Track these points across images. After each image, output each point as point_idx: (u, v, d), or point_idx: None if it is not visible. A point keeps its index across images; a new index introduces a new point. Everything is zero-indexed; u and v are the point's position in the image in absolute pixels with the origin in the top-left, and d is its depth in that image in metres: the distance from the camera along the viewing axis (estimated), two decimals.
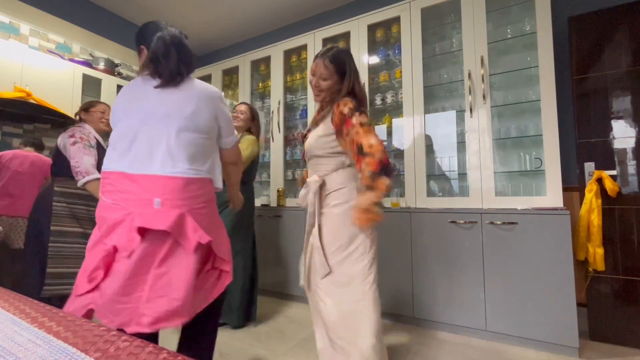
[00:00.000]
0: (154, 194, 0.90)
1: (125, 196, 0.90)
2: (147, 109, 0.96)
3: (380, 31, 2.46)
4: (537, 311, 1.65)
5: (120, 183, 0.92)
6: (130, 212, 0.89)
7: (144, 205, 0.89)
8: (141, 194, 0.90)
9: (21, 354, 0.39)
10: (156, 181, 0.91)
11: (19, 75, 2.35)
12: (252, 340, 1.80)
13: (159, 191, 0.91)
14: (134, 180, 0.91)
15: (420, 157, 2.13)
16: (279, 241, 2.52)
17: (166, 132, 0.95)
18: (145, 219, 0.87)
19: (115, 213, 0.90)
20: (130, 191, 0.91)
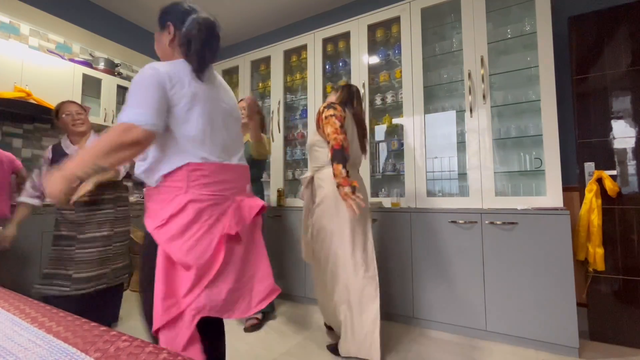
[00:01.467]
0: (246, 181, 1.02)
1: (226, 185, 0.94)
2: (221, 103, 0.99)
3: (380, 31, 2.46)
4: (537, 311, 1.65)
5: (218, 173, 0.93)
6: (234, 199, 0.94)
7: (241, 192, 0.98)
8: (238, 181, 0.98)
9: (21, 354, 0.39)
10: (244, 169, 1.02)
11: (19, 75, 2.35)
12: (252, 340, 1.80)
13: (247, 178, 1.03)
14: (230, 169, 0.96)
15: (420, 157, 2.13)
16: (279, 241, 2.52)
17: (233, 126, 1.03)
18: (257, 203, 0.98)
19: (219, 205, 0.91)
20: (229, 180, 0.95)
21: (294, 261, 2.43)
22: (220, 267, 0.86)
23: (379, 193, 2.46)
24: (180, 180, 0.87)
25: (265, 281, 0.97)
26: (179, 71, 0.90)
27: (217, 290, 0.86)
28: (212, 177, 0.90)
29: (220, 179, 0.92)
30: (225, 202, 0.92)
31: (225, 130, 0.97)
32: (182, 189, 0.87)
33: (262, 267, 0.98)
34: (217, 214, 0.89)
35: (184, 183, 0.87)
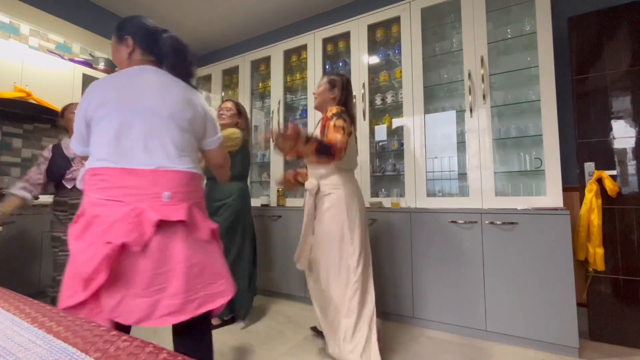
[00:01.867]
0: (163, 188, 0.93)
1: (129, 191, 0.90)
2: (149, 106, 0.97)
3: (380, 31, 2.46)
4: (537, 311, 1.65)
5: (120, 179, 0.90)
6: (136, 207, 0.88)
7: (152, 199, 0.91)
8: (149, 188, 0.91)
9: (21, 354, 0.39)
10: (164, 175, 0.94)
11: (19, 75, 2.35)
12: (252, 340, 1.80)
13: (167, 185, 0.94)
14: (140, 175, 0.91)
15: (420, 157, 2.13)
16: (279, 241, 2.52)
17: (170, 130, 0.98)
18: (161, 212, 0.89)
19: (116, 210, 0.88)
20: (135, 186, 0.90)
21: (294, 261, 2.43)
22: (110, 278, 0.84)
23: (379, 193, 2.46)
24: (85, 184, 0.93)
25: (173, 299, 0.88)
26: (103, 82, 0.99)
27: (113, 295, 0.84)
28: (112, 182, 0.90)
29: (121, 184, 0.90)
30: (123, 208, 0.88)
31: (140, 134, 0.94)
32: (85, 192, 0.92)
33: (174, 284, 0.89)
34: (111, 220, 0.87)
35: (87, 186, 0.92)
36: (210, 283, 0.96)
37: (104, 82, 0.99)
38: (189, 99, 1.05)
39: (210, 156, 1.19)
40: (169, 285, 0.88)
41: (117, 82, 0.99)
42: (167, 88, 1.01)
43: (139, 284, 0.85)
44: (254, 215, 2.62)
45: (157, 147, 0.95)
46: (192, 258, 0.93)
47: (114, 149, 0.93)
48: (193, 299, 0.91)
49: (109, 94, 0.97)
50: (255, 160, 3.10)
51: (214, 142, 1.16)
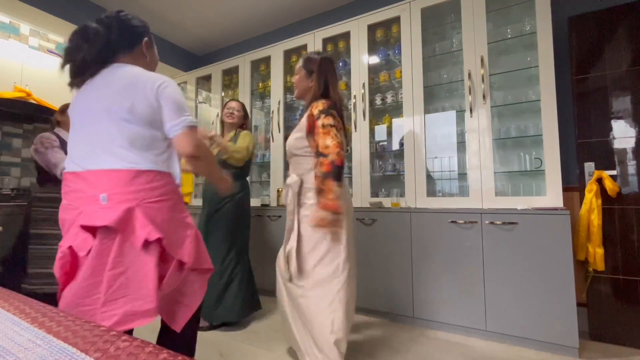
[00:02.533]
0: (100, 190, 0.87)
1: (77, 195, 0.90)
2: (86, 107, 0.95)
3: (380, 31, 2.46)
4: (537, 311, 1.65)
5: (73, 182, 0.92)
6: (82, 210, 0.88)
7: (91, 203, 0.87)
8: (88, 190, 0.88)
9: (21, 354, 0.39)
10: (101, 176, 0.88)
11: (19, 75, 2.35)
12: (252, 340, 1.80)
13: (104, 186, 0.87)
14: (82, 177, 0.90)
15: (420, 157, 2.13)
16: (278, 241, 2.51)
17: (108, 126, 0.91)
18: (89, 217, 0.85)
19: (69, 213, 0.90)
20: (80, 189, 0.90)
21: None
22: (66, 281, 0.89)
23: (379, 193, 2.46)
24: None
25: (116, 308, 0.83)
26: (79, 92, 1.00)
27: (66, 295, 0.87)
28: (68, 186, 0.93)
29: (72, 188, 0.91)
30: (73, 211, 0.90)
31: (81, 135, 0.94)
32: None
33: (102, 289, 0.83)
34: (68, 224, 0.91)
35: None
36: (134, 298, 0.84)
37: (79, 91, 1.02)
38: (128, 85, 0.92)
39: (176, 144, 0.97)
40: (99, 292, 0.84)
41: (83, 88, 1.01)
42: (106, 81, 0.95)
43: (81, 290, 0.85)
44: (254, 215, 2.62)
45: (96, 146, 0.91)
46: (120, 266, 0.84)
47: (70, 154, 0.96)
48: (112, 315, 0.82)
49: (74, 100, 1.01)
50: (255, 160, 3.09)
51: (175, 127, 0.95)
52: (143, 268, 0.86)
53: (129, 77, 0.94)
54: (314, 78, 1.44)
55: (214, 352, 1.66)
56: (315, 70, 1.44)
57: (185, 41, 3.79)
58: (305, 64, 1.48)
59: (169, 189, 0.96)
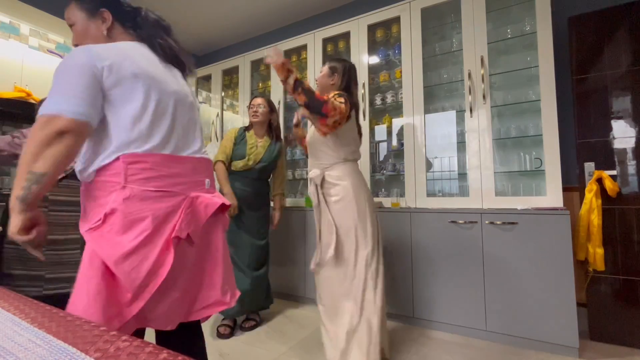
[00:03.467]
0: (204, 175, 0.90)
1: (177, 180, 0.81)
2: (177, 92, 0.88)
3: (380, 31, 2.46)
4: (537, 311, 1.65)
5: (166, 166, 0.80)
6: (187, 195, 0.81)
7: (197, 187, 0.87)
8: (193, 175, 0.86)
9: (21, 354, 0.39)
10: (201, 162, 0.91)
11: (19, 75, 2.35)
12: (252, 340, 1.80)
13: (207, 172, 0.92)
14: (183, 162, 0.84)
15: (420, 157, 2.12)
16: (279, 241, 2.51)
17: (195, 117, 0.95)
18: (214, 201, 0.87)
19: (168, 200, 0.78)
20: (181, 174, 0.82)
21: (294, 261, 2.43)
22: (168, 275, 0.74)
23: (379, 193, 2.46)
24: (116, 174, 0.74)
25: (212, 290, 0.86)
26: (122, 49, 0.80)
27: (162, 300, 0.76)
28: (157, 171, 0.78)
29: (168, 173, 0.79)
30: (174, 198, 0.79)
31: (175, 117, 0.86)
32: (118, 184, 0.74)
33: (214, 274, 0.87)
34: (163, 213, 0.76)
35: (120, 177, 0.74)
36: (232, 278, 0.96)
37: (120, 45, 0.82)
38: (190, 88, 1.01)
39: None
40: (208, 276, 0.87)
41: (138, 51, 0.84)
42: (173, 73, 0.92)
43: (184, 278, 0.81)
44: None
45: (189, 133, 0.91)
46: (226, 248, 0.94)
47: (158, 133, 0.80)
48: (226, 290, 0.89)
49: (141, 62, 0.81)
50: None
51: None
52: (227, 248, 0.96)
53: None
54: (337, 77, 1.53)
55: (214, 352, 1.66)
56: (339, 69, 1.53)
57: (185, 41, 3.79)
58: (330, 64, 1.56)
59: None
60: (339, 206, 1.45)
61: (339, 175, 1.47)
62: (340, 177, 1.47)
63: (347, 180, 1.45)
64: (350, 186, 1.44)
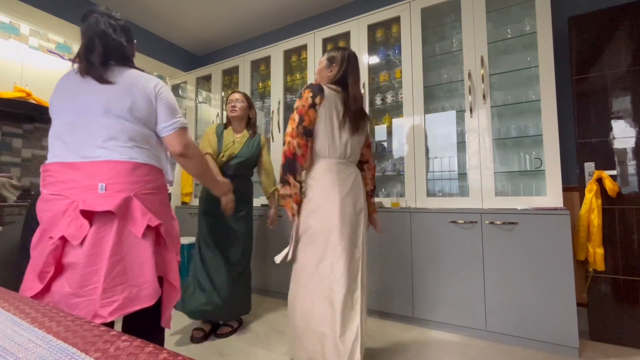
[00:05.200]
0: (99, 179, 0.91)
1: (68, 185, 0.91)
2: (84, 103, 0.97)
3: (380, 31, 2.46)
4: (537, 311, 1.65)
5: (61, 173, 0.92)
6: (75, 199, 0.89)
7: (88, 191, 0.90)
8: (85, 180, 0.91)
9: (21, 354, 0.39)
10: (101, 166, 0.92)
11: (19, 75, 2.35)
12: (252, 340, 1.80)
13: (103, 176, 0.91)
14: (77, 168, 0.92)
15: (420, 157, 2.12)
16: (278, 241, 2.51)
17: (107, 123, 0.96)
18: (89, 203, 0.88)
19: (57, 204, 0.90)
20: (73, 179, 0.91)
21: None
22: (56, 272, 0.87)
23: (379, 193, 2.45)
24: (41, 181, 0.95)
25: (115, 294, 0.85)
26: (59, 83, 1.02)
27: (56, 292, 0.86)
28: (55, 177, 0.92)
29: (62, 179, 0.91)
30: (63, 202, 0.89)
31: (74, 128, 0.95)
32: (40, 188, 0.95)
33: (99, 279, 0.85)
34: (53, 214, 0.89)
35: (40, 183, 0.95)
36: (132, 285, 0.89)
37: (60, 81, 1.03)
38: (129, 86, 0.99)
39: (167, 144, 1.06)
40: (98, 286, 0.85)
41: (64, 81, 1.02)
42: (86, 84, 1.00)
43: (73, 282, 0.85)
44: (254, 215, 2.62)
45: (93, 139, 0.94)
46: (117, 254, 0.88)
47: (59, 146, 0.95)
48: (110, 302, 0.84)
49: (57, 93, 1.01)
50: None
51: (168, 128, 1.04)
52: (142, 254, 0.91)
53: (130, 79, 1.01)
54: (335, 66, 1.41)
55: (214, 352, 1.66)
56: (337, 58, 1.41)
57: (185, 41, 3.79)
58: (328, 55, 1.45)
59: (160, 183, 1.05)
60: (307, 208, 1.34)
61: (311, 175, 1.37)
62: (311, 177, 1.36)
63: (318, 179, 1.34)
64: (320, 187, 1.32)
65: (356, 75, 1.43)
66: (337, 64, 1.40)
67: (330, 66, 1.43)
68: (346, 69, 1.40)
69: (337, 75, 1.40)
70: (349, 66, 1.40)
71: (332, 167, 1.35)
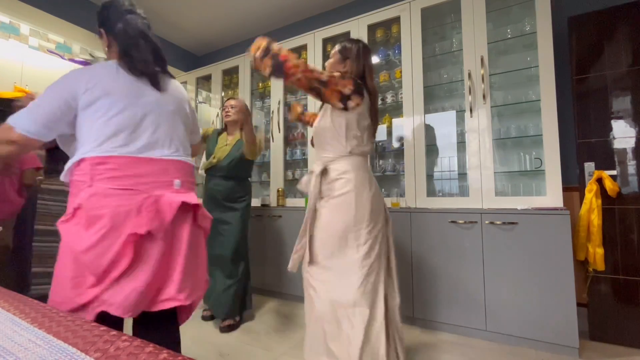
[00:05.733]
0: (174, 176, 0.96)
1: (141, 180, 0.90)
2: (154, 102, 0.99)
3: (380, 31, 2.46)
4: (537, 311, 1.65)
5: (133, 167, 0.89)
6: (151, 194, 0.89)
7: (164, 187, 0.93)
8: (161, 175, 0.93)
9: (21, 354, 0.39)
10: (174, 164, 0.98)
11: (19, 75, 2.35)
12: (252, 340, 1.80)
13: (178, 173, 0.98)
14: (151, 163, 0.93)
15: (420, 157, 2.12)
16: (279, 241, 2.52)
17: (174, 125, 1.03)
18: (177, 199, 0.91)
19: (129, 199, 0.86)
20: (147, 174, 0.91)
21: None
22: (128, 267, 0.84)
23: None
24: (84, 174, 0.87)
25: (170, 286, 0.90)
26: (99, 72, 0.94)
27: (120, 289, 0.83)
28: (122, 171, 0.88)
29: (133, 173, 0.89)
30: (137, 196, 0.87)
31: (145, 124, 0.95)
32: (86, 182, 0.86)
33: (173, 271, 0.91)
34: (125, 209, 0.85)
35: (87, 177, 0.86)
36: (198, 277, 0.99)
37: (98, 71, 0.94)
38: (182, 95, 1.10)
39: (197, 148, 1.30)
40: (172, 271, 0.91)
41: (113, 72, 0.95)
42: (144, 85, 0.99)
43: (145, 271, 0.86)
44: (254, 215, 2.62)
45: (165, 138, 0.98)
46: (193, 247, 0.96)
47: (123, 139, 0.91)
48: (184, 288, 0.92)
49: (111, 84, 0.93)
50: (256, 160, 3.10)
51: (197, 137, 1.25)
52: (202, 249, 1.03)
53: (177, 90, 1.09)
54: (349, 63, 1.35)
55: (214, 352, 1.66)
56: (352, 52, 1.35)
57: (185, 41, 3.79)
58: (342, 50, 1.38)
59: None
60: (337, 201, 1.28)
61: (343, 169, 1.29)
62: (343, 172, 1.29)
63: (351, 174, 1.28)
64: (353, 183, 1.26)
65: (370, 69, 1.37)
66: (353, 60, 1.34)
67: (343, 61, 1.36)
68: (363, 64, 1.35)
69: (354, 72, 1.34)
70: (366, 61, 1.36)
71: (364, 164, 1.34)
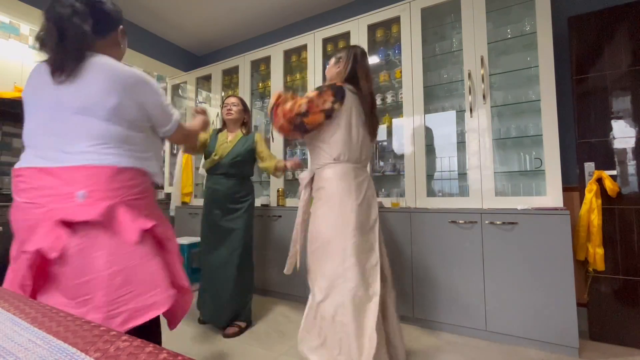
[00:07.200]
0: (77, 187, 0.81)
1: (43, 192, 0.82)
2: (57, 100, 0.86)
3: (380, 31, 2.46)
4: (537, 311, 1.65)
5: (36, 179, 0.83)
6: (51, 208, 0.80)
7: (64, 200, 0.81)
8: (62, 187, 0.81)
9: (21, 354, 0.39)
10: (78, 171, 0.83)
11: (19, 75, 2.35)
12: (252, 340, 1.80)
13: (82, 183, 0.82)
14: (51, 173, 0.82)
15: (420, 157, 2.12)
16: (279, 241, 2.52)
17: (84, 124, 0.86)
18: (68, 212, 0.80)
19: (30, 213, 0.82)
20: (49, 186, 0.82)
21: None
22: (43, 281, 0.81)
23: (379, 193, 2.45)
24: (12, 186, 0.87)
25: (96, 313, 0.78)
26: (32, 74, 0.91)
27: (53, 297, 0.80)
28: (28, 183, 0.83)
29: (35, 185, 0.82)
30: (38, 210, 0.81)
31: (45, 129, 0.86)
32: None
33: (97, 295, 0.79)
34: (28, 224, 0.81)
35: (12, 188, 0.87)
36: (139, 294, 0.83)
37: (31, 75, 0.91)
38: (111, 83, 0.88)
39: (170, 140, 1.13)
40: (93, 297, 0.79)
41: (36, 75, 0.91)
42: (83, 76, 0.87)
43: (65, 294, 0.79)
44: (255, 215, 2.62)
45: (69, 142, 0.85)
46: (115, 265, 0.81)
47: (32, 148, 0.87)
48: (118, 313, 0.79)
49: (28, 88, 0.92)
50: None
51: (169, 130, 1.04)
52: (144, 261, 0.85)
53: (111, 74, 0.88)
54: (342, 63, 1.40)
55: (214, 352, 1.66)
56: (344, 56, 1.41)
57: (185, 41, 3.79)
58: (336, 52, 1.45)
59: (147, 186, 0.96)
60: (320, 212, 1.30)
61: (326, 177, 1.31)
62: (326, 180, 1.31)
63: (333, 183, 1.29)
64: (335, 191, 1.27)
65: (365, 71, 1.40)
66: (344, 61, 1.39)
67: (337, 63, 1.42)
68: (353, 65, 1.38)
69: (345, 73, 1.38)
70: (356, 63, 1.38)
71: (349, 172, 1.31)
